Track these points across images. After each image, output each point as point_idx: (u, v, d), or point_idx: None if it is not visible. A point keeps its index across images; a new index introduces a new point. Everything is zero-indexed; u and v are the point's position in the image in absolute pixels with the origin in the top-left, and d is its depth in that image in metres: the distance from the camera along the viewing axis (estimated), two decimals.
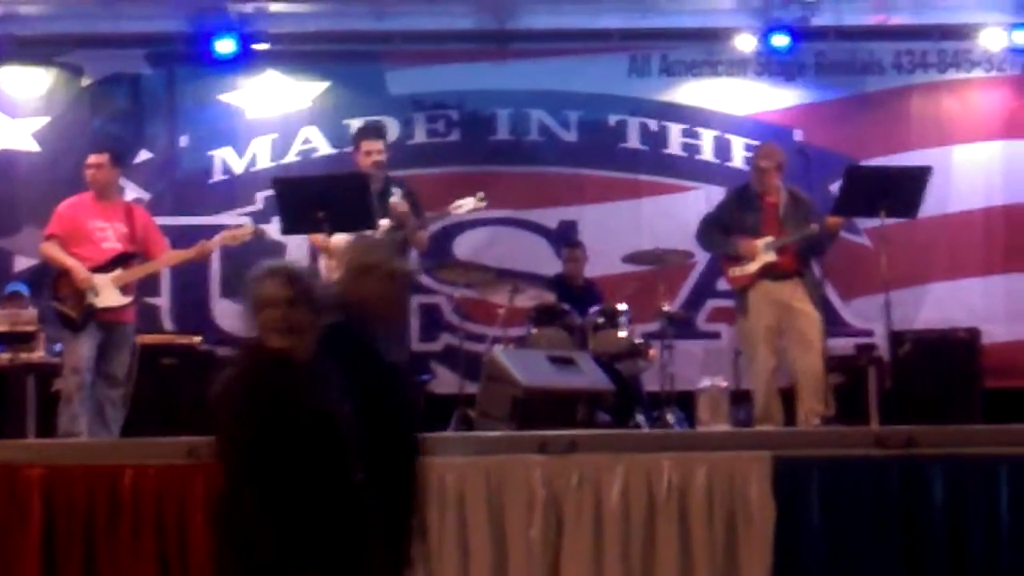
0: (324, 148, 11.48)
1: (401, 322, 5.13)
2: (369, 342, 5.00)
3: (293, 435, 4.43)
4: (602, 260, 10.84)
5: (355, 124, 11.08)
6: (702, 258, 10.58)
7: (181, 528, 6.94)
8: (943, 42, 11.56)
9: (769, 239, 9.11)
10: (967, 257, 11.38)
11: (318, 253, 9.15)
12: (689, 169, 11.55)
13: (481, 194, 9.13)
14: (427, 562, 6.58)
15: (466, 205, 9.13)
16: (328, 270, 8.80)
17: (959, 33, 11.49)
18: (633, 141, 11.59)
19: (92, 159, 9.12)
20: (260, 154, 11.50)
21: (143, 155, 11.40)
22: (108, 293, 8.76)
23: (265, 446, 4.44)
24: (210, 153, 11.50)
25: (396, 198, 8.98)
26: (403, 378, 5.21)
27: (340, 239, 8.66)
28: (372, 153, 9.02)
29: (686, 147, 11.58)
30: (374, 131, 9.42)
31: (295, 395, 4.49)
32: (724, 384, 9.43)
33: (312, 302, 4.61)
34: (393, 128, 11.31)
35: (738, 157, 11.47)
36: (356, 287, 5.02)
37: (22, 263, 11.13)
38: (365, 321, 5.00)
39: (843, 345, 10.51)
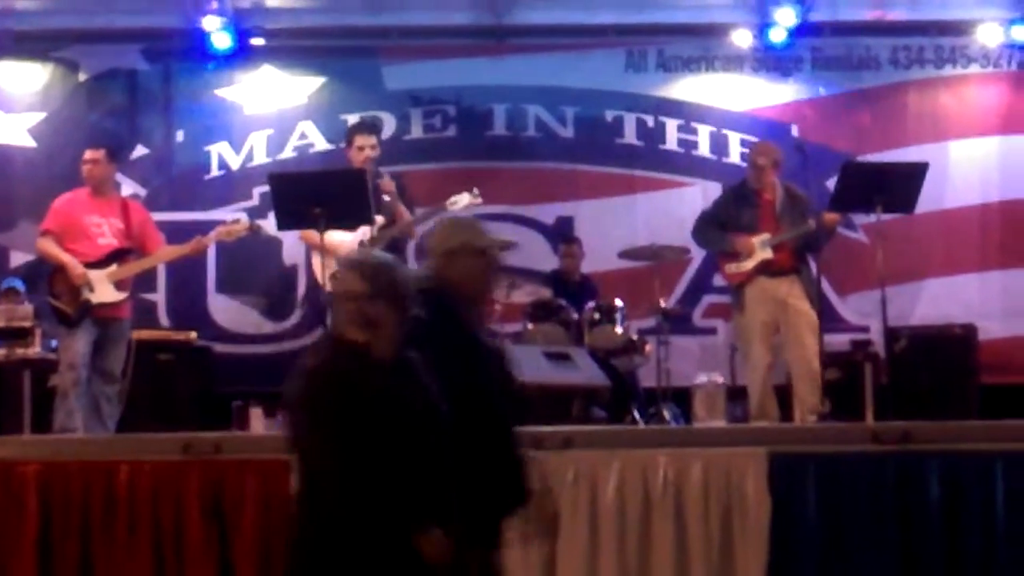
0: (320, 144, 11.47)
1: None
2: (467, 326, 4.94)
3: (368, 428, 4.37)
4: (598, 256, 10.84)
5: (352, 119, 11.08)
6: (698, 254, 10.58)
7: (177, 523, 6.95)
8: (940, 38, 11.56)
9: (766, 236, 9.11)
10: (963, 253, 11.37)
11: (311, 251, 9.13)
12: (686, 165, 11.54)
13: (476, 190, 9.12)
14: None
15: (461, 201, 9.11)
16: (320, 268, 8.81)
17: (956, 29, 11.49)
18: (630, 137, 11.58)
19: (88, 154, 9.11)
20: (256, 149, 11.49)
21: (139, 151, 11.40)
22: (104, 289, 8.76)
23: (340, 439, 4.38)
24: (206, 148, 11.49)
25: (385, 179, 8.91)
26: (505, 360, 5.15)
27: (334, 235, 8.66)
28: (365, 148, 8.99)
29: (682, 143, 11.57)
30: (368, 126, 9.41)
31: (371, 388, 4.42)
32: (720, 380, 9.43)
33: (395, 296, 4.54)
34: (390, 123, 11.31)
35: (735, 153, 11.46)
36: (446, 270, 4.95)
37: (18, 259, 11.12)
38: (459, 304, 4.93)
39: (839, 341, 10.51)
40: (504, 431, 4.92)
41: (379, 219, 8.77)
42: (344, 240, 8.79)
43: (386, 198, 8.84)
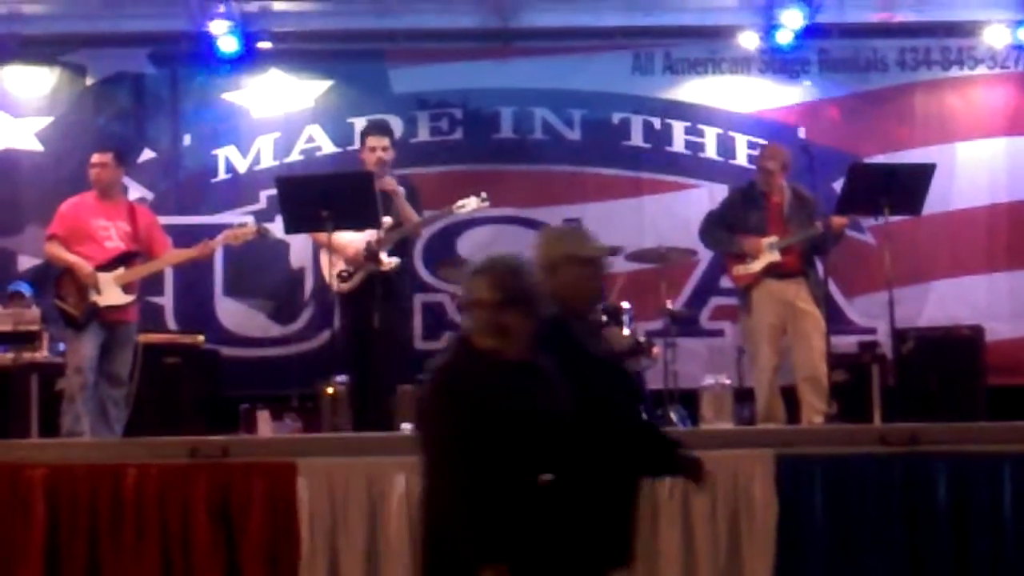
0: (328, 147, 11.48)
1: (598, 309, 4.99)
2: (577, 340, 4.85)
3: (493, 433, 4.34)
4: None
5: (359, 123, 11.10)
6: (705, 256, 10.57)
7: (184, 527, 6.96)
8: (947, 39, 11.54)
9: (774, 238, 9.11)
10: (971, 254, 11.35)
11: (320, 250, 9.13)
12: (692, 167, 11.53)
13: (484, 194, 9.12)
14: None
15: (469, 205, 9.11)
16: (329, 267, 8.83)
17: (963, 30, 11.47)
18: (636, 139, 11.57)
19: (96, 158, 9.12)
20: (263, 153, 11.49)
21: (146, 154, 11.40)
22: (111, 292, 8.76)
23: (465, 442, 4.35)
24: (214, 152, 11.49)
25: (386, 178, 8.89)
26: (626, 375, 5.08)
27: (343, 235, 8.67)
28: (376, 149, 8.99)
29: (689, 145, 11.56)
30: (379, 127, 9.41)
31: (499, 394, 4.39)
32: (727, 382, 9.44)
33: (526, 302, 4.49)
34: (397, 126, 11.27)
35: (742, 155, 11.46)
36: (550, 282, 4.84)
37: (25, 263, 11.12)
38: (567, 317, 4.85)
39: (846, 343, 10.49)
40: (624, 448, 4.81)
41: (387, 220, 8.78)
42: (352, 240, 8.80)
43: (393, 192, 8.83)
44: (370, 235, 8.76)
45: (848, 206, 9.15)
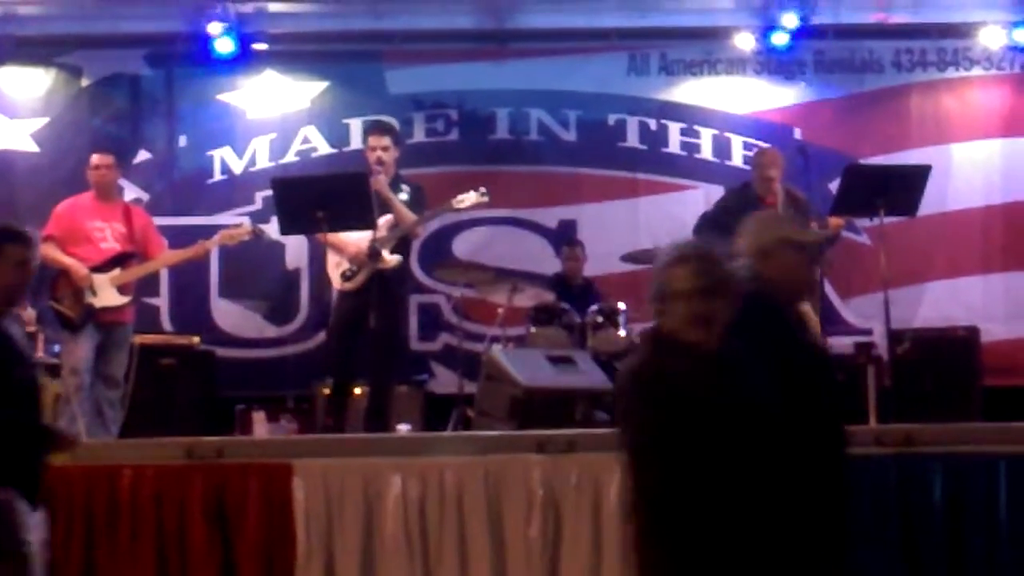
0: (323, 148, 11.48)
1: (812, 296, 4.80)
2: (792, 327, 4.72)
3: (698, 428, 4.18)
4: (601, 259, 10.84)
5: (355, 124, 11.11)
6: None
7: (180, 528, 6.95)
8: (942, 40, 11.55)
9: None
10: (966, 255, 11.36)
11: (328, 250, 9.12)
12: (688, 168, 11.54)
13: (483, 189, 9.14)
14: None
15: (468, 200, 9.13)
16: (334, 266, 8.84)
17: (958, 31, 11.48)
18: (632, 140, 11.58)
19: (98, 159, 9.14)
20: (259, 154, 11.49)
21: (142, 155, 11.40)
22: (106, 293, 8.77)
23: (677, 441, 4.19)
24: (209, 153, 11.49)
25: (379, 177, 8.90)
26: (829, 359, 4.95)
27: (344, 233, 8.70)
28: (376, 149, 9.00)
29: (685, 146, 11.57)
30: (378, 127, 9.42)
31: (706, 388, 4.22)
32: None
33: (727, 290, 4.30)
34: None
35: (737, 156, 11.46)
36: (763, 267, 4.68)
37: None
38: (779, 303, 4.70)
39: (842, 344, 10.48)
40: (834, 440, 4.70)
41: (388, 218, 8.78)
42: (350, 237, 8.81)
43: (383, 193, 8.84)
44: (369, 232, 8.76)
45: (844, 207, 9.16)
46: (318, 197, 8.48)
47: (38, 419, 5.59)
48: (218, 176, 11.47)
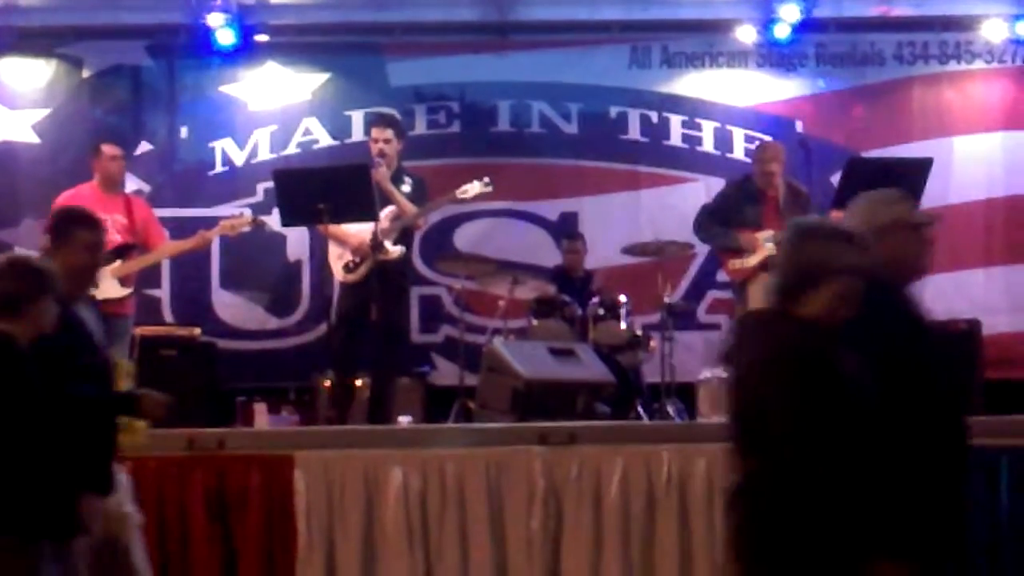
0: (325, 140, 11.47)
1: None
2: (911, 308, 4.61)
3: (844, 409, 4.08)
4: (602, 252, 10.84)
5: (356, 116, 11.10)
6: (702, 249, 10.57)
7: (181, 519, 6.97)
8: (944, 33, 11.53)
9: (770, 232, 9.11)
10: (968, 248, 11.35)
11: (329, 242, 9.12)
12: (690, 161, 11.52)
13: (487, 179, 9.15)
14: None
15: (472, 190, 9.17)
16: (336, 258, 8.85)
17: (960, 24, 11.47)
18: (634, 133, 11.56)
19: (113, 150, 9.17)
20: (261, 146, 11.47)
21: (143, 147, 11.37)
22: (107, 285, 8.76)
23: (827, 422, 4.07)
24: (210, 145, 11.47)
25: (380, 169, 8.92)
26: (948, 344, 4.86)
27: (346, 225, 8.71)
28: (379, 141, 9.04)
29: (687, 139, 11.56)
30: (382, 119, 9.40)
31: (835, 365, 4.12)
32: (724, 375, 9.41)
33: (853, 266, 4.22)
34: None
35: (739, 148, 11.45)
36: (877, 247, 4.50)
37: None
38: (895, 282, 4.59)
39: None
40: (958, 423, 4.55)
41: (391, 209, 8.79)
42: (352, 229, 8.81)
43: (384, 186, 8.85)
44: (371, 225, 8.77)
45: (845, 200, 9.10)
46: (320, 189, 8.49)
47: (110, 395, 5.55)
48: (219, 168, 11.46)
